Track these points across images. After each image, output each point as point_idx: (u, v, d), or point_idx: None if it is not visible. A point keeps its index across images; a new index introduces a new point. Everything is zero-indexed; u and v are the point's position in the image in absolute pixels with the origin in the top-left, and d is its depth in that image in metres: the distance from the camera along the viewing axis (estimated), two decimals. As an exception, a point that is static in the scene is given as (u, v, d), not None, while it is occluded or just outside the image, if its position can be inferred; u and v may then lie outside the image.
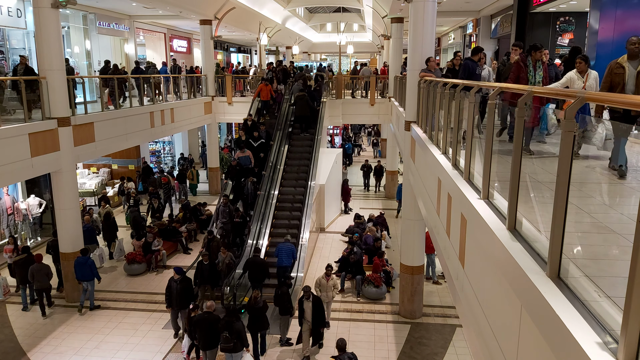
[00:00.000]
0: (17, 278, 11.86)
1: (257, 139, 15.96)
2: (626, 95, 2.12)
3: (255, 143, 15.89)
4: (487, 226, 3.63)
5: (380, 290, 12.47)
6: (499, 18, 19.90)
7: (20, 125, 10.24)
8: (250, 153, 15.42)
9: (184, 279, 10.48)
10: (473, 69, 8.20)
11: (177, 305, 10.43)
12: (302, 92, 17.29)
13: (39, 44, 11.25)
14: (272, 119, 18.42)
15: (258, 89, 18.62)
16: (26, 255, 11.76)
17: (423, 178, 8.53)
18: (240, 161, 15.30)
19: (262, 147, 16.04)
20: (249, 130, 16.39)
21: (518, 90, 4.30)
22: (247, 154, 15.36)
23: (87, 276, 11.47)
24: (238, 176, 15.21)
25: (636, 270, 1.83)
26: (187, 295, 10.40)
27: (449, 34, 29.95)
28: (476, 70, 8.15)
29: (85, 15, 19.26)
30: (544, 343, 2.51)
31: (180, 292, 10.30)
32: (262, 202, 14.70)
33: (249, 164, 15.36)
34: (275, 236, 13.70)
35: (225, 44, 35.54)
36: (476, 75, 8.15)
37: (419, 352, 10.18)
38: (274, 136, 17.06)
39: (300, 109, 17.14)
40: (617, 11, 10.93)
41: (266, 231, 13.95)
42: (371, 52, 50.26)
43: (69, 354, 10.00)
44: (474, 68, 8.20)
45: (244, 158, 15.34)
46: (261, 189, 14.98)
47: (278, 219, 14.50)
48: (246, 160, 15.35)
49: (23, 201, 15.37)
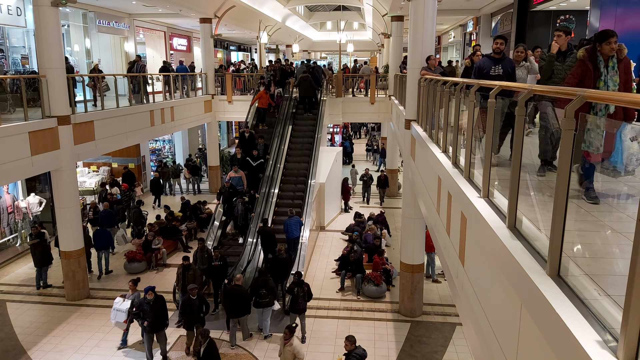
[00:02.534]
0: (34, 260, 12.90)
1: (257, 158, 14.88)
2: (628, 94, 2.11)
3: (255, 162, 14.84)
4: (487, 224, 3.63)
5: (380, 289, 12.48)
6: (500, 16, 19.88)
7: (20, 124, 10.24)
8: (243, 174, 14.43)
9: (158, 297, 9.48)
10: (487, 68, 6.65)
11: (153, 329, 9.39)
12: (306, 74, 18.13)
13: (39, 43, 11.24)
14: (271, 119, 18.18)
15: (257, 96, 18.07)
16: (39, 240, 12.82)
17: (423, 176, 8.53)
18: (231, 182, 14.33)
19: (261, 167, 15.06)
20: (247, 145, 15.35)
21: (516, 88, 4.30)
22: (239, 175, 14.35)
23: (105, 246, 13.59)
24: (230, 198, 14.13)
25: (636, 268, 1.83)
26: (162, 315, 9.45)
27: (449, 33, 29.92)
28: (491, 70, 6.62)
29: (85, 14, 19.24)
30: (544, 341, 2.52)
31: (155, 313, 9.33)
32: (262, 201, 14.72)
33: (241, 185, 14.35)
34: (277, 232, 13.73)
35: (225, 42, 35.52)
36: (490, 76, 6.57)
37: (419, 351, 10.20)
38: (275, 125, 17.32)
39: (304, 90, 18.08)
40: (617, 9, 10.92)
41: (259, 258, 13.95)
42: (371, 50, 50.23)
43: (69, 352, 10.02)
44: (488, 67, 6.67)
45: (235, 179, 14.33)
46: (255, 210, 14.08)
47: (278, 215, 14.51)
48: (238, 181, 14.34)
49: (23, 200, 15.38)
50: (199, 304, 9.77)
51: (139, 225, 15.57)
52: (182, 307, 9.80)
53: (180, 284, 10.88)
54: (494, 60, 6.68)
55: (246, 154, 15.12)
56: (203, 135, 26.80)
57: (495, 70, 6.58)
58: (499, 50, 6.76)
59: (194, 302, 9.68)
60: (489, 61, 6.73)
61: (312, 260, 14.76)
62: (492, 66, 6.62)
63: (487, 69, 6.64)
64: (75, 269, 12.09)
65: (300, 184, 15.50)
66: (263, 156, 15.29)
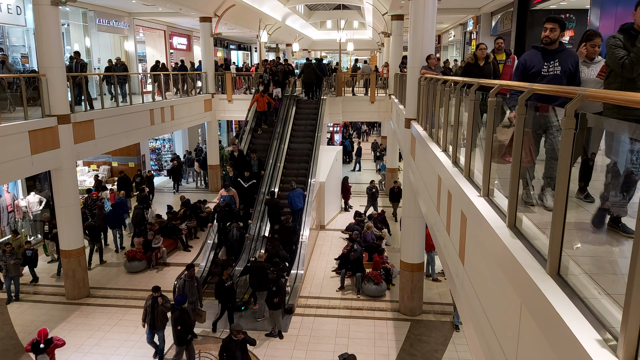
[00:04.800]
0: None
1: (248, 178, 14.32)
2: (628, 93, 2.10)
3: (246, 184, 14.26)
4: (487, 224, 3.63)
5: (380, 288, 12.48)
6: (500, 15, 19.86)
7: (20, 123, 10.24)
8: (235, 193, 13.94)
9: (183, 311, 9.15)
10: (537, 66, 4.56)
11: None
12: (309, 61, 19.41)
13: (39, 42, 11.23)
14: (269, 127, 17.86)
15: (254, 99, 17.89)
16: None
17: (423, 175, 8.53)
18: (224, 200, 13.86)
19: (253, 188, 14.46)
20: (239, 164, 14.66)
21: (518, 87, 4.28)
22: (232, 193, 13.89)
23: (117, 224, 15.23)
24: (225, 219, 13.50)
25: (636, 267, 1.83)
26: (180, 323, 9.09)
27: (449, 32, 29.90)
28: (542, 69, 4.52)
29: (85, 13, 19.24)
30: (544, 340, 2.52)
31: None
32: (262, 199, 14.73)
33: (233, 205, 13.89)
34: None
35: (225, 41, 35.50)
36: (541, 77, 4.54)
37: (418, 349, 10.21)
38: (275, 125, 17.36)
39: (307, 76, 18.86)
40: (617, 8, 10.92)
41: (265, 228, 14.02)
42: (371, 49, 50.18)
43: (69, 351, 10.02)
44: (538, 64, 4.57)
45: (227, 198, 13.88)
46: (249, 231, 13.67)
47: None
48: (230, 200, 13.86)
49: (23, 199, 15.38)
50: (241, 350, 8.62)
51: (141, 226, 15.55)
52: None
53: (149, 319, 9.47)
54: (546, 54, 4.59)
55: (239, 171, 14.54)
56: (203, 135, 26.82)
57: (550, 69, 4.54)
58: (551, 40, 4.58)
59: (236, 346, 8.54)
60: (538, 55, 4.63)
61: (312, 259, 14.76)
62: (543, 62, 4.58)
63: (537, 67, 4.58)
64: (76, 268, 12.10)
65: (301, 184, 15.49)
66: (258, 172, 14.73)
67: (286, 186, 14.82)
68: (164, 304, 9.57)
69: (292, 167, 16.29)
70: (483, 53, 7.67)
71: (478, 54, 7.69)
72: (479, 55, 7.68)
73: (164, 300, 9.59)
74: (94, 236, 14.28)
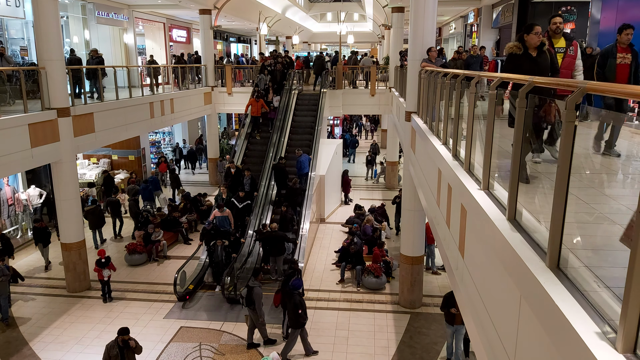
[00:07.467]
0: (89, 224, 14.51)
1: (243, 199, 13.88)
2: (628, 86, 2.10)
3: (240, 204, 13.82)
4: (487, 217, 3.63)
5: (380, 281, 12.52)
6: (501, 7, 19.77)
7: (19, 116, 10.22)
8: (229, 213, 13.35)
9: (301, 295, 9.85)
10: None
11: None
12: (321, 54, 21.82)
13: (38, 34, 11.17)
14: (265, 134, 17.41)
15: (248, 104, 17.53)
16: (95, 205, 14.89)
17: (423, 169, 8.52)
18: (217, 223, 13.17)
19: (247, 209, 14.05)
20: (233, 182, 14.39)
21: (518, 80, 4.27)
22: (226, 214, 13.26)
23: (149, 198, 17.16)
24: (212, 239, 12.68)
25: (635, 260, 1.83)
26: None
27: (450, 24, 29.77)
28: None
29: (84, 5, 19.13)
30: (543, 333, 2.53)
31: None
32: (264, 193, 14.72)
33: (227, 226, 13.20)
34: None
35: (224, 33, 35.34)
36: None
37: (418, 342, 10.26)
38: (274, 126, 17.16)
39: (317, 67, 20.71)
40: (619, 1, 10.86)
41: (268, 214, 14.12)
42: (372, 42, 50.02)
43: (70, 343, 10.07)
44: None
45: (221, 219, 13.17)
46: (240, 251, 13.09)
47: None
48: (224, 222, 13.19)
49: (23, 192, 15.39)
50: None
51: (138, 217, 15.50)
52: None
53: None
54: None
55: (232, 192, 14.22)
56: (203, 127, 26.79)
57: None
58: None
59: None
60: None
61: (312, 252, 14.80)
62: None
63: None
64: (76, 261, 12.13)
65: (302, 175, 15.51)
66: (251, 192, 14.41)
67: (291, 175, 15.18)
68: (137, 345, 8.07)
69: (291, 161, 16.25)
70: (538, 39, 5.04)
71: (530, 40, 5.03)
72: (530, 43, 5.05)
73: (135, 342, 8.09)
74: (115, 211, 15.64)
